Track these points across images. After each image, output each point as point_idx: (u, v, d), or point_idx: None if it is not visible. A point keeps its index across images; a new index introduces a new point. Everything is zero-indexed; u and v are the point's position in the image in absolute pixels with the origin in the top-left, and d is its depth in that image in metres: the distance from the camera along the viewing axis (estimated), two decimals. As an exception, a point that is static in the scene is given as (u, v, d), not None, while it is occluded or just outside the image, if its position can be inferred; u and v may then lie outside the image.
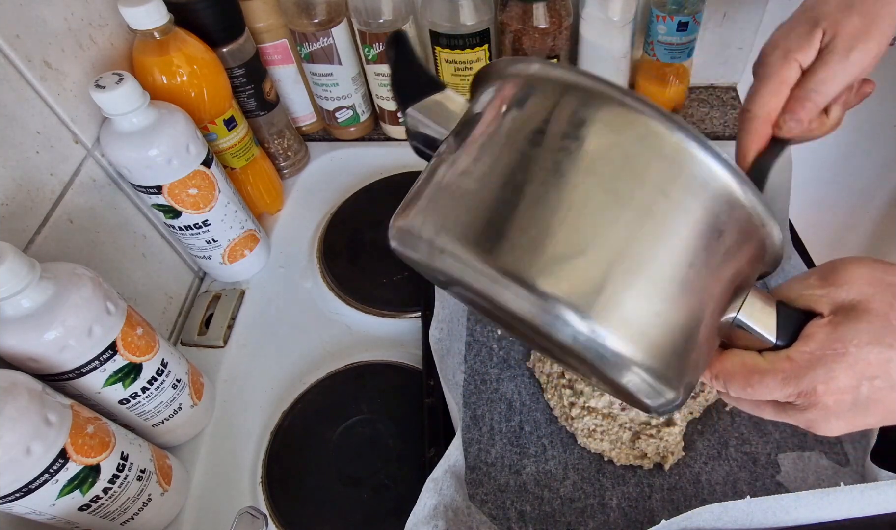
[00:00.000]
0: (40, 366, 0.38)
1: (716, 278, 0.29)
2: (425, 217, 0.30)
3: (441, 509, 0.41)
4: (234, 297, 0.62)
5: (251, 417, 0.54)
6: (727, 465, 0.46)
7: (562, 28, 0.64)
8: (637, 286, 0.27)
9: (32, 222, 0.45)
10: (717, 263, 0.29)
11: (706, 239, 0.28)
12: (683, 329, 0.28)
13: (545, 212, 0.27)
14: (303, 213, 0.70)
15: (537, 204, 0.27)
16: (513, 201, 0.28)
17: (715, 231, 0.29)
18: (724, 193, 0.28)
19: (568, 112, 0.29)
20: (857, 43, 0.37)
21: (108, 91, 0.45)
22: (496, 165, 0.29)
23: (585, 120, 0.28)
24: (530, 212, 0.27)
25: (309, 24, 0.65)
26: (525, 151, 0.29)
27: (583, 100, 0.29)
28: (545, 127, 0.29)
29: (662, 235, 0.27)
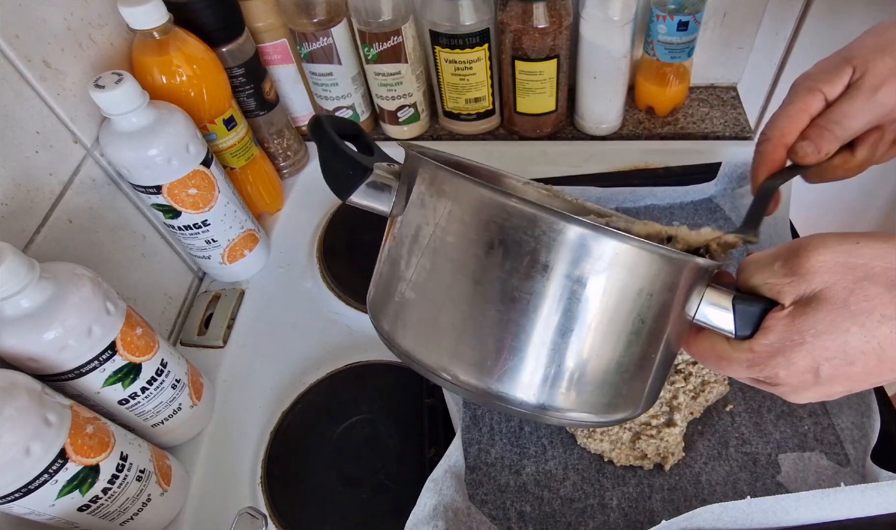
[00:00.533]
0: (40, 366, 0.38)
1: (646, 326, 0.32)
2: (401, 331, 0.35)
3: (441, 509, 0.41)
4: (234, 297, 0.62)
5: (251, 417, 0.54)
6: (727, 466, 0.46)
7: (562, 28, 0.64)
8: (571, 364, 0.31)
9: (32, 222, 0.45)
10: (642, 317, 0.32)
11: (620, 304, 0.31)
12: (624, 376, 0.33)
13: (492, 334, 0.31)
14: (303, 213, 0.70)
15: (486, 325, 0.31)
16: (467, 325, 0.32)
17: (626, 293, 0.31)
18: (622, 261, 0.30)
19: (484, 233, 0.31)
20: (885, 83, 0.37)
21: (107, 91, 0.45)
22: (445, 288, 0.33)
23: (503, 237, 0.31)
24: (480, 333, 0.32)
25: (309, 23, 0.65)
26: (464, 275, 0.32)
27: (487, 214, 0.31)
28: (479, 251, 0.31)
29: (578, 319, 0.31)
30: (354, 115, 0.75)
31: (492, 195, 0.31)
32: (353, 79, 0.72)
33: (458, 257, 0.32)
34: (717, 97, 0.79)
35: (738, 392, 0.50)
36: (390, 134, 0.78)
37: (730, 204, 0.63)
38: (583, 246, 0.29)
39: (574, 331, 0.31)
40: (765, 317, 0.31)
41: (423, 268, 0.33)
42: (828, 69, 0.40)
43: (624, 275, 0.30)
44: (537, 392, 0.31)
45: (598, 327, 0.31)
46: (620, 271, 0.30)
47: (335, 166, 0.36)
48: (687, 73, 0.73)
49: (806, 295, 0.30)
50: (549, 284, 0.30)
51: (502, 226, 0.30)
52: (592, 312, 0.31)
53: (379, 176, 0.36)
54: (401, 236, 0.35)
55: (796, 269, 0.30)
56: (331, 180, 0.37)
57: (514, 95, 0.71)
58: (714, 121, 0.76)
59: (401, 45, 0.67)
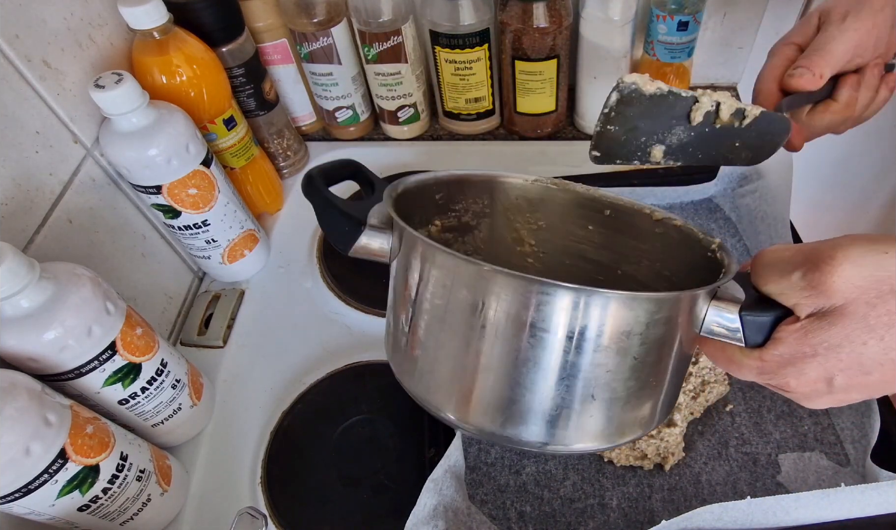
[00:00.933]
0: (40, 366, 0.38)
1: (645, 361, 0.33)
2: (409, 377, 0.37)
3: (441, 509, 0.41)
4: (234, 297, 0.62)
5: (251, 417, 0.54)
6: (727, 466, 0.46)
7: (562, 27, 0.64)
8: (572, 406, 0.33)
9: (32, 222, 0.45)
10: (635, 355, 0.32)
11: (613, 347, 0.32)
12: (628, 407, 0.34)
13: (490, 386, 0.33)
14: (303, 213, 0.70)
15: (484, 378, 0.33)
16: (465, 378, 0.34)
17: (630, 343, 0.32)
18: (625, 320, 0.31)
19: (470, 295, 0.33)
20: (849, 13, 0.40)
21: (107, 90, 0.45)
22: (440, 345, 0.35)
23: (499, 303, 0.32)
24: (478, 385, 0.33)
25: (309, 23, 0.65)
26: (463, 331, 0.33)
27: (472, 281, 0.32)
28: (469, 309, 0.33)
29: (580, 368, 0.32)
30: (354, 116, 0.75)
31: (465, 264, 0.32)
32: (353, 79, 0.72)
33: (447, 317, 0.33)
34: (717, 97, 0.79)
35: (738, 392, 0.50)
36: (390, 134, 0.78)
37: (730, 204, 0.63)
38: (566, 305, 0.30)
39: (570, 379, 0.32)
40: (777, 325, 0.31)
41: (418, 324, 0.35)
42: (796, 28, 0.43)
43: (612, 323, 0.31)
44: (542, 433, 0.33)
45: (595, 371, 0.32)
46: (609, 320, 0.31)
47: (332, 223, 0.37)
48: (687, 73, 0.73)
49: (823, 309, 0.29)
50: (538, 341, 0.31)
51: (482, 290, 0.31)
52: (587, 360, 0.31)
53: (373, 227, 0.37)
54: (397, 289, 0.37)
55: (817, 285, 0.29)
56: (330, 237, 0.38)
57: (514, 95, 0.71)
58: (714, 121, 0.76)
59: (401, 45, 0.67)
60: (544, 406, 0.32)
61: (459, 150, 0.76)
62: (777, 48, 0.44)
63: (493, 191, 0.46)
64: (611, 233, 0.46)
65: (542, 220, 0.47)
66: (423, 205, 0.43)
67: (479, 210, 0.46)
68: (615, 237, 0.46)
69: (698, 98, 0.37)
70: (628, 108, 0.35)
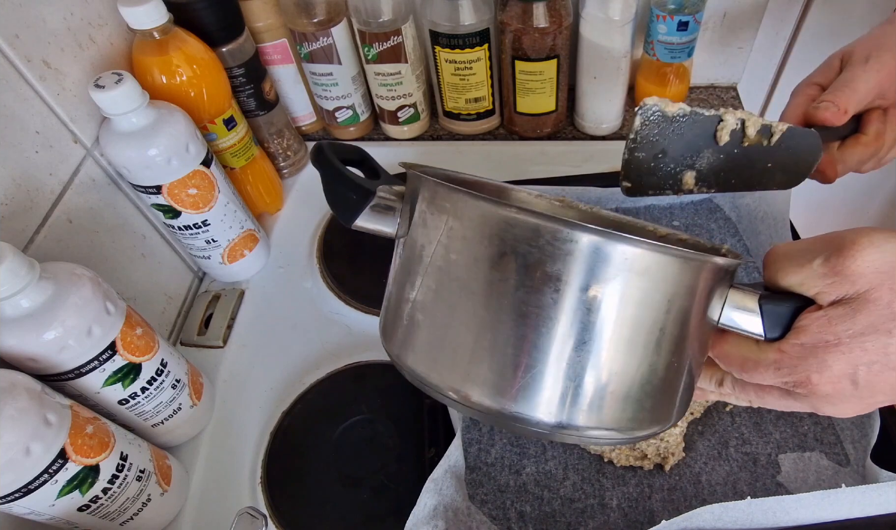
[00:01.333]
0: (39, 366, 0.38)
1: (667, 335, 0.30)
2: (411, 354, 0.34)
3: (441, 509, 0.41)
4: (234, 297, 0.62)
5: (251, 417, 0.54)
6: (727, 466, 0.46)
7: (562, 28, 0.64)
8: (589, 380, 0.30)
9: (32, 222, 0.45)
10: (661, 325, 0.30)
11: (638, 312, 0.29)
12: (647, 388, 0.31)
13: (504, 352, 0.30)
14: (303, 213, 0.70)
15: (496, 344, 0.30)
16: (477, 344, 0.30)
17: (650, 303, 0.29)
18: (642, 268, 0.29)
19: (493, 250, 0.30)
20: (871, 55, 0.41)
21: (107, 90, 0.45)
22: (452, 307, 0.31)
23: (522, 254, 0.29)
24: (491, 352, 0.30)
25: (308, 23, 0.65)
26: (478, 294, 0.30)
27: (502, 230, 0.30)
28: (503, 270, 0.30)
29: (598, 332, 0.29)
30: (354, 116, 0.75)
31: (492, 207, 0.29)
32: (353, 79, 0.72)
33: (463, 274, 0.31)
34: (717, 97, 0.79)
35: (738, 392, 0.50)
36: (390, 134, 0.78)
37: (730, 204, 0.63)
38: (591, 253, 0.28)
39: (590, 345, 0.29)
40: (797, 316, 0.30)
41: (429, 288, 0.32)
42: (819, 69, 0.44)
43: (638, 280, 0.29)
44: (555, 411, 0.30)
45: (616, 338, 0.29)
46: (634, 277, 0.28)
47: (338, 192, 0.36)
48: (687, 73, 0.73)
49: (848, 295, 0.28)
50: (560, 297, 0.28)
51: (505, 239, 0.29)
52: (608, 323, 0.29)
53: (382, 198, 0.35)
54: (406, 258, 0.34)
55: (840, 270, 0.28)
56: (335, 206, 0.36)
57: (514, 95, 0.71)
58: (714, 121, 0.76)
59: (401, 45, 0.67)
60: (561, 377, 0.29)
61: (459, 150, 0.76)
62: (800, 88, 0.44)
63: None
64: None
65: None
66: None
67: None
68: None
69: (722, 117, 0.36)
70: (653, 131, 0.34)
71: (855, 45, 0.43)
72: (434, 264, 0.32)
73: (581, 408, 0.30)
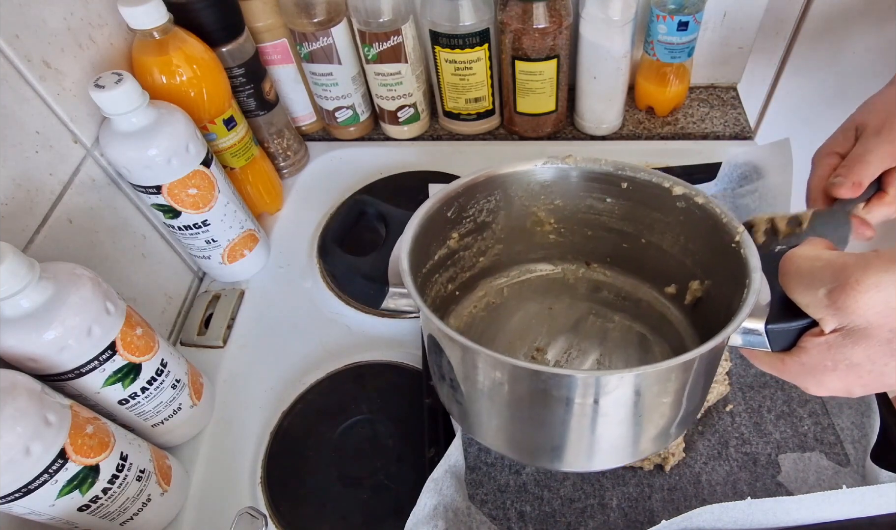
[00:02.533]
0: (39, 366, 0.38)
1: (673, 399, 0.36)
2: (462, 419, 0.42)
3: (441, 509, 0.41)
4: (234, 297, 0.62)
5: (251, 417, 0.54)
6: (727, 466, 0.46)
7: (562, 28, 0.64)
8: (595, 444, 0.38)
9: (32, 222, 0.45)
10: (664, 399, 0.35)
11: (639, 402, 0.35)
12: (653, 433, 0.37)
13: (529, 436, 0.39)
14: (303, 213, 0.70)
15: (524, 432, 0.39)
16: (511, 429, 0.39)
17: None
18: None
19: None
20: (884, 126, 0.43)
21: (107, 90, 0.45)
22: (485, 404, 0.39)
23: None
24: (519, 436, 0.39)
25: (308, 23, 0.65)
26: None
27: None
28: None
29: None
30: (354, 116, 0.75)
31: (494, 359, 0.33)
32: (353, 79, 0.72)
33: (484, 390, 0.36)
34: (717, 97, 0.79)
35: (738, 392, 0.50)
36: (390, 134, 0.78)
37: (730, 203, 0.63)
38: (586, 386, 0.33)
39: (599, 431, 0.35)
40: (802, 334, 0.32)
41: (460, 383, 0.38)
42: (836, 137, 0.46)
43: (635, 388, 0.33)
44: (573, 463, 0.39)
45: (622, 421, 0.35)
46: (631, 390, 0.33)
47: (357, 289, 0.41)
48: (687, 73, 0.73)
49: (847, 326, 0.30)
50: (570, 408, 0.34)
51: (513, 376, 0.34)
52: (615, 417, 0.35)
53: (396, 286, 0.39)
54: (432, 349, 0.40)
55: (841, 305, 0.29)
56: (358, 298, 0.44)
57: (514, 95, 0.71)
58: (714, 121, 0.76)
59: (401, 45, 0.67)
60: (581, 448, 0.37)
61: (459, 150, 0.76)
62: (820, 158, 0.46)
63: (503, 186, 0.46)
64: (631, 205, 0.45)
65: (557, 199, 0.47)
66: (436, 229, 0.44)
67: (492, 207, 0.46)
68: (636, 208, 0.45)
69: (753, 222, 0.40)
70: None
71: (869, 114, 0.44)
72: (455, 372, 0.37)
73: (590, 460, 0.39)
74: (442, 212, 0.43)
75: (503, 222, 0.48)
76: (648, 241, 0.46)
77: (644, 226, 0.46)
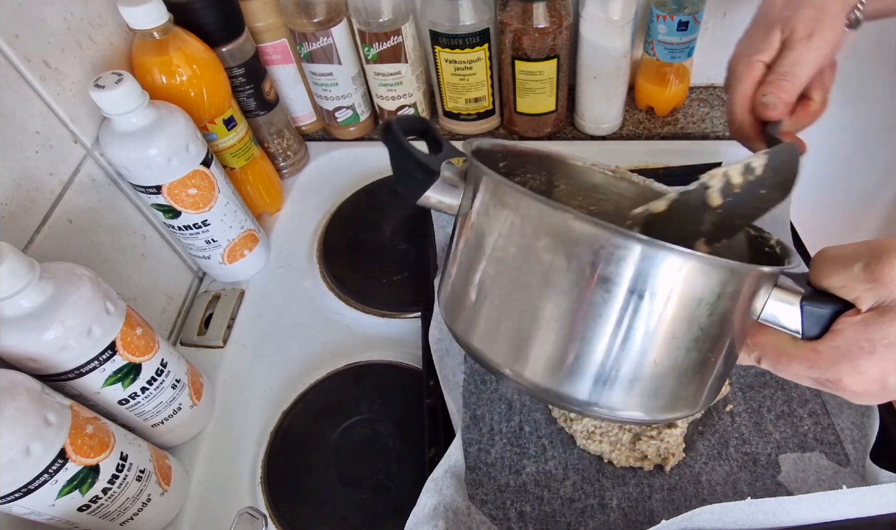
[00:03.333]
0: (39, 366, 0.38)
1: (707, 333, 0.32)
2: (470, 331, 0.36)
3: (441, 509, 0.41)
4: (234, 297, 0.62)
5: (251, 417, 0.54)
6: (727, 466, 0.46)
7: (562, 27, 0.64)
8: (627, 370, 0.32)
9: (32, 222, 0.45)
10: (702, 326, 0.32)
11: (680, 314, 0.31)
12: (681, 380, 0.33)
13: (553, 341, 0.33)
14: (303, 213, 0.70)
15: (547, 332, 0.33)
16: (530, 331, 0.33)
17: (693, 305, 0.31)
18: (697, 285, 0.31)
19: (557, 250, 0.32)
20: (815, 30, 0.40)
21: (107, 90, 0.45)
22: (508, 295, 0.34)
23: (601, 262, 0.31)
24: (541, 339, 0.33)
25: (308, 23, 0.65)
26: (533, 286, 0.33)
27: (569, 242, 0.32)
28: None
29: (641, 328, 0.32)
30: (354, 116, 0.75)
31: (551, 211, 0.31)
32: (353, 79, 0.72)
33: (522, 268, 0.33)
34: (717, 97, 0.79)
35: (738, 392, 0.50)
36: (390, 134, 0.77)
37: (730, 204, 0.63)
38: (641, 261, 0.30)
39: (633, 340, 0.31)
40: (836, 318, 0.31)
41: (488, 274, 0.34)
42: (757, 39, 0.42)
43: (683, 287, 0.30)
44: (591, 391, 0.32)
45: (658, 336, 0.31)
46: (680, 284, 0.30)
47: (405, 170, 0.37)
48: (687, 73, 0.73)
49: (885, 302, 0.29)
50: (610, 297, 0.30)
51: (561, 240, 0.31)
52: (652, 323, 0.31)
53: (446, 178, 0.37)
54: (467, 240, 0.37)
55: (879, 276, 0.28)
56: (400, 184, 0.38)
57: (514, 95, 0.71)
58: (714, 121, 0.76)
59: (401, 45, 0.67)
60: (604, 365, 0.32)
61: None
62: (742, 66, 0.43)
63: (552, 169, 0.46)
64: (666, 221, 0.45)
65: (593, 206, 0.47)
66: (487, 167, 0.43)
67: (535, 185, 0.46)
68: (670, 223, 0.45)
69: (708, 184, 0.38)
70: (651, 231, 0.36)
71: (796, 14, 0.40)
72: (494, 255, 0.34)
73: (616, 393, 0.33)
74: (497, 157, 0.43)
75: None
76: None
77: (676, 241, 0.46)
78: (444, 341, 0.49)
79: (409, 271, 0.62)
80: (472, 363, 0.53)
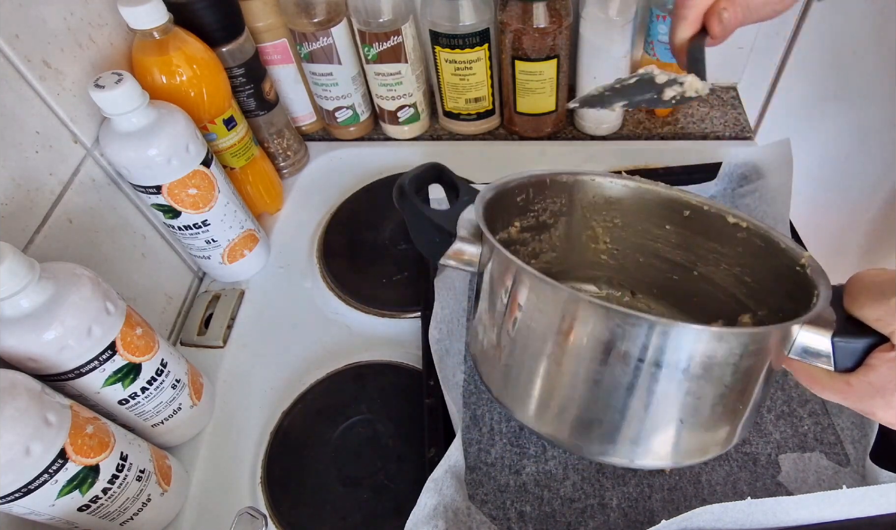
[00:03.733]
0: (39, 366, 0.38)
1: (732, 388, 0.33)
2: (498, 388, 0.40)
3: (441, 509, 0.41)
4: (234, 297, 0.62)
5: (251, 417, 0.54)
6: (727, 465, 0.46)
7: (562, 28, 0.64)
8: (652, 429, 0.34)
9: (32, 222, 0.45)
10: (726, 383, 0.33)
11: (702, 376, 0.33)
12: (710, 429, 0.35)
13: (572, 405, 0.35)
14: (303, 213, 0.70)
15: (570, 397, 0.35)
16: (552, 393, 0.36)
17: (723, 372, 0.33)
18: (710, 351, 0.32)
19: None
20: None
21: (107, 90, 0.45)
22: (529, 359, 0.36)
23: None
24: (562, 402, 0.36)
25: (309, 23, 0.65)
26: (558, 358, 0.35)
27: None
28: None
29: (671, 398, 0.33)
30: (354, 116, 0.75)
31: (558, 292, 0.32)
32: (353, 79, 0.72)
33: (535, 336, 0.35)
34: (717, 97, 0.79)
35: (738, 392, 0.50)
36: (390, 134, 0.78)
37: (730, 204, 0.63)
38: (658, 337, 0.31)
39: (653, 405, 0.33)
40: (869, 352, 0.31)
41: (507, 337, 0.37)
42: None
43: (703, 356, 0.31)
44: (622, 451, 0.35)
45: (680, 399, 0.33)
46: (699, 354, 0.31)
47: (424, 235, 0.39)
48: (687, 73, 0.73)
49: None
50: (628, 369, 0.31)
51: (573, 317, 0.32)
52: (672, 389, 0.32)
53: (463, 238, 0.38)
54: (486, 298, 0.39)
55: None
56: (421, 247, 0.40)
57: (514, 95, 0.71)
58: (714, 121, 0.76)
59: (401, 45, 0.67)
60: (630, 428, 0.34)
61: (459, 150, 0.76)
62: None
63: (571, 191, 0.46)
64: (689, 234, 0.46)
65: (617, 218, 0.48)
66: (504, 208, 0.44)
67: (557, 209, 0.47)
68: (693, 238, 0.46)
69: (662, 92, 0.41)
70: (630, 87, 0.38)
71: None
72: (509, 319, 0.36)
73: (647, 450, 0.35)
74: (514, 193, 0.44)
75: (562, 229, 0.48)
76: (700, 274, 0.46)
77: (698, 256, 0.46)
78: (443, 341, 0.49)
79: (409, 271, 0.62)
80: (471, 363, 0.53)
